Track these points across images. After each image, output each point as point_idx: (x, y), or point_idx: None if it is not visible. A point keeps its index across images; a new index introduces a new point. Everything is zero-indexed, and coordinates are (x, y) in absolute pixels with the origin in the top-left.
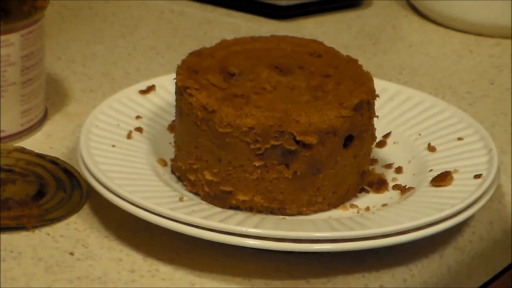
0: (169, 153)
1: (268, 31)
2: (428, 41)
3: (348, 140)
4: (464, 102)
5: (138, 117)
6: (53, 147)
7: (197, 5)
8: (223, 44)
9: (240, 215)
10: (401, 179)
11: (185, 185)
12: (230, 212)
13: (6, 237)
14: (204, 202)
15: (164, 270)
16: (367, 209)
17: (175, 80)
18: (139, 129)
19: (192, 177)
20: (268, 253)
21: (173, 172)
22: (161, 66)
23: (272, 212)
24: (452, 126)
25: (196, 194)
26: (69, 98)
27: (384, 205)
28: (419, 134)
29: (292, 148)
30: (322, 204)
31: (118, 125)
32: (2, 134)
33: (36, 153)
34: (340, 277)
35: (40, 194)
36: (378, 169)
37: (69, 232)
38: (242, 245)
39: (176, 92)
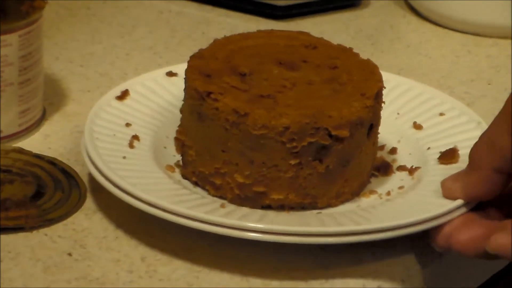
0: (167, 159)
1: None
2: (426, 41)
3: (370, 129)
4: (463, 102)
5: (127, 124)
6: (51, 148)
7: (195, 5)
8: (218, 44)
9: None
10: (400, 160)
11: (206, 190)
12: (261, 211)
13: (4, 237)
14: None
15: (162, 271)
16: (388, 193)
17: (190, 85)
18: (136, 137)
19: (218, 181)
20: (267, 253)
21: (185, 177)
22: (159, 66)
23: (303, 207)
24: (427, 102)
25: (221, 197)
26: (67, 98)
27: (401, 187)
28: (398, 113)
29: (327, 143)
30: (347, 194)
31: (115, 135)
32: (0, 135)
33: (34, 153)
34: (339, 277)
35: (38, 194)
36: None
37: (67, 233)
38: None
39: (192, 98)
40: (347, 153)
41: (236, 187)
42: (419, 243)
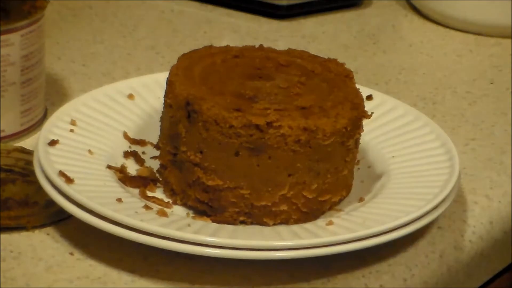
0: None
1: (268, 30)
2: (428, 40)
3: None
4: (464, 101)
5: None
6: None
7: (197, 4)
8: (183, 76)
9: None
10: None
11: (265, 222)
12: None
13: (6, 237)
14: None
15: (164, 270)
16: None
17: (226, 125)
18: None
19: (283, 207)
20: None
21: (224, 222)
22: (161, 65)
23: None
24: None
25: (282, 223)
26: (69, 98)
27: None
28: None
29: (363, 130)
30: None
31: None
32: (2, 134)
33: None
34: (340, 277)
35: (39, 194)
36: None
37: (69, 232)
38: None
39: (235, 136)
40: None
41: (302, 205)
42: (421, 243)
